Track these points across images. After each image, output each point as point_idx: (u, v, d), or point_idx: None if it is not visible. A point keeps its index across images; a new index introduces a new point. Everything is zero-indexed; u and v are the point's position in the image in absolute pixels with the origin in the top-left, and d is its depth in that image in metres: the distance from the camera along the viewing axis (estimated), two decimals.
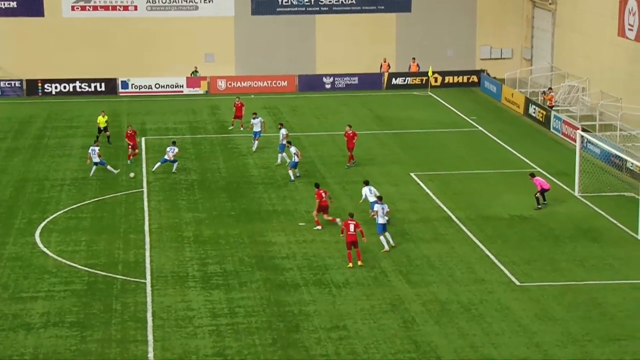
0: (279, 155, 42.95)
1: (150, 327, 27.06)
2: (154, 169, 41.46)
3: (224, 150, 46.65)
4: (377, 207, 32.89)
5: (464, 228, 35.26)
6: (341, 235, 32.07)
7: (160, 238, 34.43)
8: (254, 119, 45.03)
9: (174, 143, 42.87)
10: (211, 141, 48.68)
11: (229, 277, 30.76)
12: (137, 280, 30.55)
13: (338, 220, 34.45)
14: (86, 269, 31.38)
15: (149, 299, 29.02)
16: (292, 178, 40.52)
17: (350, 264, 31.17)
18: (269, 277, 30.70)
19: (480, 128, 50.99)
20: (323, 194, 34.62)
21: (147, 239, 34.28)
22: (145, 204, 38.41)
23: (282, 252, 32.86)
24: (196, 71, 60.55)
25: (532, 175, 37.83)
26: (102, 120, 47.85)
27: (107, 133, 47.76)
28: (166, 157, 42.00)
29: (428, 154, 45.70)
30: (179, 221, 36.25)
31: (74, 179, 41.86)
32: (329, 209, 34.73)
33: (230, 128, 42.69)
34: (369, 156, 45.34)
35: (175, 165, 42.11)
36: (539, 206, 36.90)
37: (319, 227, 34.38)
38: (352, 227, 31.15)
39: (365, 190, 34.95)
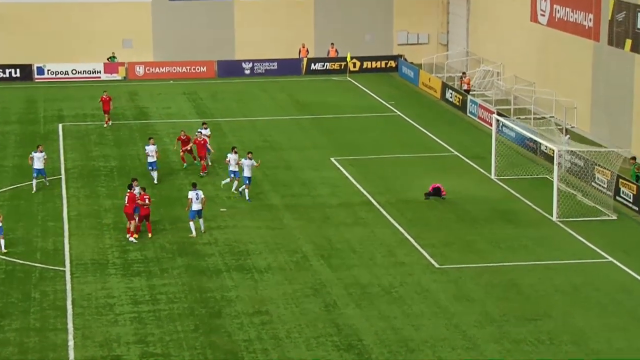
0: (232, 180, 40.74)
1: (70, 315, 26.65)
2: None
3: (143, 136, 46.03)
4: (191, 194, 32.45)
5: (384, 212, 35.47)
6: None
7: (79, 225, 33.92)
8: (204, 129, 40.72)
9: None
10: (130, 127, 48.04)
11: (150, 263, 30.46)
12: (56, 268, 30.02)
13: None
14: (3, 257, 30.70)
15: (68, 286, 28.58)
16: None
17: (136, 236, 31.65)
18: (191, 264, 30.47)
19: (399, 113, 51.33)
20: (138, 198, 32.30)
21: (66, 227, 33.75)
22: (64, 191, 37.76)
23: (203, 238, 32.63)
24: (114, 57, 59.57)
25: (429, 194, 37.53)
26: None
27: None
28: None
29: (348, 139, 45.80)
30: (98, 208, 35.75)
31: None
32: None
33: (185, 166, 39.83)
34: (290, 141, 45.26)
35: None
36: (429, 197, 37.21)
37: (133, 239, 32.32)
38: (147, 200, 31.99)
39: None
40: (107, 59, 59.28)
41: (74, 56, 59.87)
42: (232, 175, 37.04)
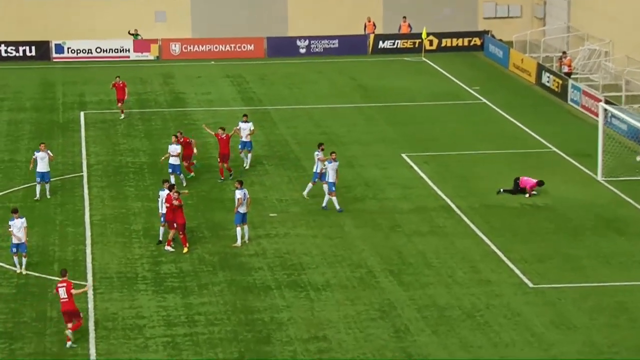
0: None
1: (93, 338, 26.82)
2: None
3: (179, 126, 46.33)
4: (239, 193, 32.50)
5: (465, 219, 35.29)
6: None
7: (103, 232, 34.18)
8: (244, 122, 40.23)
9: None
10: (163, 116, 48.40)
11: (186, 278, 30.59)
12: (76, 282, 30.25)
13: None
14: (14, 269, 31.04)
15: (90, 304, 28.76)
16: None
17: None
18: (234, 279, 30.57)
19: (484, 100, 51.00)
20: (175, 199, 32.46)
21: (88, 233, 34.03)
22: (86, 191, 38.13)
23: (249, 249, 32.68)
24: (137, 34, 60.03)
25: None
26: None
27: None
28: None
29: (422, 131, 45.61)
30: (126, 212, 36.01)
31: (0, 161, 41.48)
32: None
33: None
34: (352, 134, 45.23)
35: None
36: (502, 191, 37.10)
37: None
38: (175, 201, 31.77)
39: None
40: (131, 35, 59.73)
41: (98, 32, 60.58)
42: (317, 180, 36.34)
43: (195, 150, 38.69)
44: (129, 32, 59.86)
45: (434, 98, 51.50)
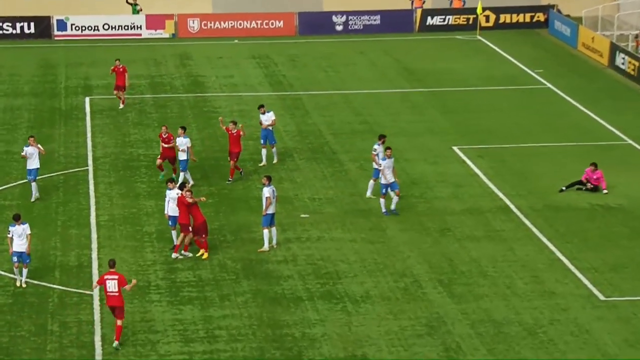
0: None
1: (100, 354, 26.96)
2: None
3: (197, 114, 46.55)
4: (267, 191, 32.40)
5: (526, 221, 35.22)
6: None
7: (111, 234, 34.36)
8: (262, 113, 40.09)
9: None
10: (180, 102, 48.60)
11: (205, 287, 30.72)
12: (80, 291, 30.52)
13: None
14: (11, 275, 31.29)
15: (97, 316, 28.94)
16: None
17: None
18: (261, 288, 30.67)
19: (548, 84, 50.89)
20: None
21: (94, 236, 34.22)
22: (91, 187, 38.34)
23: (278, 255, 32.79)
24: (135, 4, 60.18)
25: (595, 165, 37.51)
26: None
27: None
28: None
29: (477, 121, 45.61)
30: (138, 211, 36.18)
31: None
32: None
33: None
34: (396, 123, 45.23)
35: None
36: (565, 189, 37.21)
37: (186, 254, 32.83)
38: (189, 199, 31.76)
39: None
40: (127, 3, 59.91)
41: (105, 6, 60.85)
42: (377, 177, 36.21)
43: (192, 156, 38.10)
44: (126, 1, 60.11)
45: (490, 82, 51.37)
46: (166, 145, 38.04)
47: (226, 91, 50.33)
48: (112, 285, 27.33)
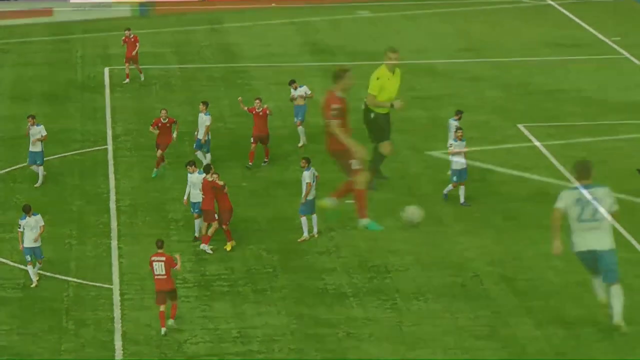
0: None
1: (120, 355, 27.04)
2: None
3: (230, 87, 46.54)
4: (307, 174, 32.57)
5: (600, 209, 34.91)
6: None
7: (133, 221, 34.49)
8: (294, 89, 40.18)
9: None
10: (210, 74, 48.61)
11: (238, 282, 30.78)
12: (99, 285, 30.62)
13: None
14: (22, 267, 31.39)
15: (116, 313, 29.05)
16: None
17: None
18: (300, 283, 30.72)
19: (626, 54, 50.79)
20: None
21: (114, 224, 34.34)
22: (111, 169, 38.49)
23: (319, 245, 32.82)
24: None
25: None
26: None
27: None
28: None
29: (545, 96, 45.51)
30: (162, 196, 36.26)
31: (2, 132, 41.99)
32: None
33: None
34: (454, 99, 45.08)
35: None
36: None
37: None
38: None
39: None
40: None
41: None
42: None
43: (174, 136, 37.87)
44: None
45: (560, 52, 51.31)
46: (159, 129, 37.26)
47: (262, 61, 50.31)
48: (159, 268, 27.88)
